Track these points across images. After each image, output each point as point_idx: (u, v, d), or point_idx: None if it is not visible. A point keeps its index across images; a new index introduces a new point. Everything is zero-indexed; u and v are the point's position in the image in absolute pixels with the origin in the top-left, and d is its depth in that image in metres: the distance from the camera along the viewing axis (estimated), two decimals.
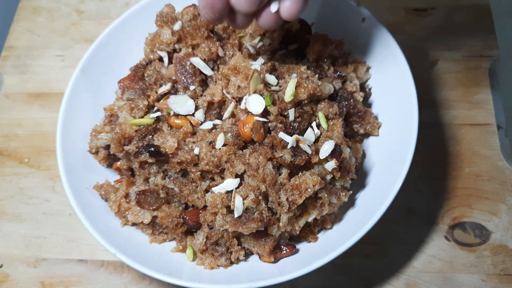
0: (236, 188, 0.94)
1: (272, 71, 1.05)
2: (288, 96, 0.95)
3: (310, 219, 0.96)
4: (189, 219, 1.00)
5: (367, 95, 1.17)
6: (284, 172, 0.95)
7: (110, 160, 1.14)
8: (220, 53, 1.10)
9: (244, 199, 0.91)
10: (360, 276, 1.11)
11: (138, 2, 1.25)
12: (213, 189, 0.95)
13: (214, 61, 1.10)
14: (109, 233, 1.00)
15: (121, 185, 1.08)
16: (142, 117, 1.05)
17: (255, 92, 0.98)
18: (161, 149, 0.98)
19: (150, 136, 1.01)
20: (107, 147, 1.08)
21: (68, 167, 1.06)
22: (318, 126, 1.00)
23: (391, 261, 1.12)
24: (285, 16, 0.81)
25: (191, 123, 1.03)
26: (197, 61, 1.07)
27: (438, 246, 1.13)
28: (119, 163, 1.09)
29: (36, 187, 1.29)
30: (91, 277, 1.16)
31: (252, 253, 1.04)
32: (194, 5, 1.17)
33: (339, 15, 1.22)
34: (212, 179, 1.01)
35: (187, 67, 1.07)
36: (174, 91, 1.09)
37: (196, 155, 0.98)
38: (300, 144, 0.93)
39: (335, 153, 0.94)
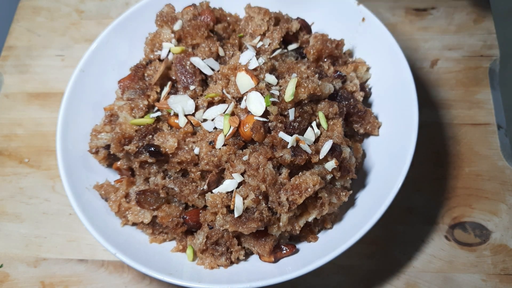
0: (236, 188, 0.94)
1: (272, 71, 1.05)
2: (288, 96, 0.95)
3: (310, 219, 0.96)
4: (189, 219, 1.00)
5: (367, 95, 1.17)
6: (284, 172, 0.95)
7: (110, 160, 1.14)
8: (220, 52, 1.10)
9: (244, 199, 0.91)
10: (360, 276, 1.11)
11: (138, 2, 1.25)
12: None
13: (215, 60, 1.10)
14: (109, 233, 1.00)
15: (121, 185, 1.07)
16: (142, 117, 1.05)
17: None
18: (161, 149, 0.98)
19: (150, 136, 1.01)
20: (107, 147, 1.08)
21: (68, 167, 1.06)
22: (318, 125, 1.00)
23: (391, 261, 1.12)
24: None
25: (191, 123, 1.02)
26: (197, 61, 1.07)
27: (438, 246, 1.13)
28: (119, 163, 1.09)
29: (36, 187, 1.29)
30: (91, 277, 1.16)
31: (252, 253, 1.04)
32: (194, 5, 1.17)
33: (339, 15, 1.22)
34: None
35: (187, 67, 1.07)
36: (174, 90, 1.08)
37: (196, 155, 0.98)
38: (300, 144, 0.93)
39: (335, 152, 0.94)
